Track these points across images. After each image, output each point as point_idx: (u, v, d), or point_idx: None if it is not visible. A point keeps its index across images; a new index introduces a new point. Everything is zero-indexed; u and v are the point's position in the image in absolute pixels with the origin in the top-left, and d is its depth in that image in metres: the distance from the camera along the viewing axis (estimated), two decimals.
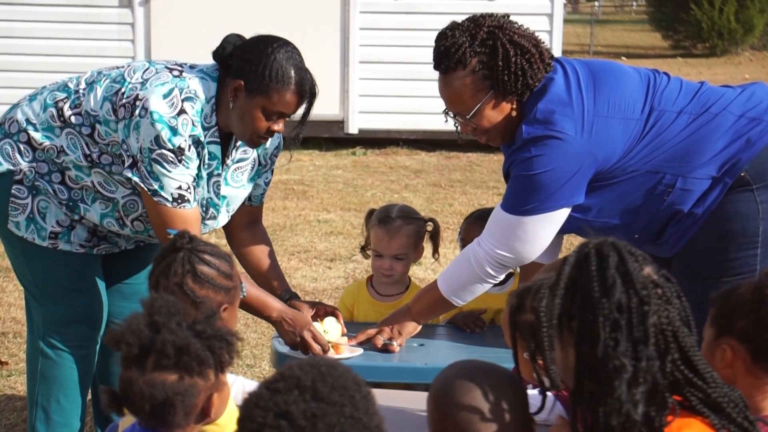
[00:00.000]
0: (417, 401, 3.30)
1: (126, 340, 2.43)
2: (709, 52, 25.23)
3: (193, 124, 3.63)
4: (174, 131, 3.59)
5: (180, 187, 3.65)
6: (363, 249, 4.49)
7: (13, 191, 3.82)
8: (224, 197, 3.89)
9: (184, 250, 3.08)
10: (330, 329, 3.89)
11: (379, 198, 9.57)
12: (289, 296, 4.03)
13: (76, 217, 3.83)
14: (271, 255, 4.16)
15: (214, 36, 3.89)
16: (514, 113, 3.59)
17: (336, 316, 3.97)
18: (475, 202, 9.34)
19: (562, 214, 3.56)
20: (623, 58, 22.37)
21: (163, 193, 3.64)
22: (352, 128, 11.84)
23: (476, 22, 3.57)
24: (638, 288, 2.20)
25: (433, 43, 3.63)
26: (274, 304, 3.80)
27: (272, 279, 4.09)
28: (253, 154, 3.93)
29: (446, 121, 3.74)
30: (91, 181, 3.77)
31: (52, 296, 3.91)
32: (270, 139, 3.86)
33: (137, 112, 3.61)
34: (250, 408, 2.00)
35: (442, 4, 11.34)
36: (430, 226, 4.44)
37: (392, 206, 4.46)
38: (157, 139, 3.59)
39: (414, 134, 11.84)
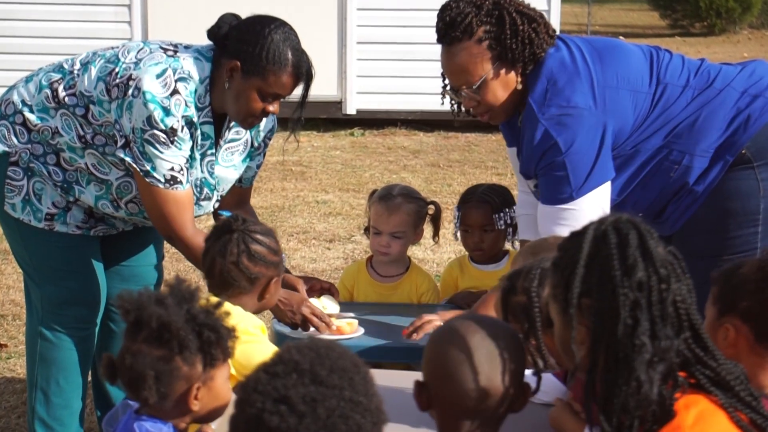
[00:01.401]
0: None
1: (125, 307, 2.48)
2: (708, 31, 25.14)
3: (186, 105, 3.61)
4: (167, 112, 3.58)
5: (172, 169, 3.64)
6: (367, 230, 4.47)
7: (8, 173, 3.81)
8: (216, 177, 3.88)
9: (238, 231, 3.31)
10: (328, 306, 3.88)
11: (378, 179, 9.56)
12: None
13: (72, 199, 3.82)
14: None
15: (211, 17, 3.86)
16: (519, 86, 3.56)
17: (332, 293, 3.96)
18: (474, 182, 9.25)
19: (607, 188, 3.50)
20: (621, 37, 22.27)
21: (155, 174, 3.63)
22: (350, 109, 11.81)
23: None
24: (658, 267, 2.18)
25: (436, 17, 3.57)
26: None
27: None
28: (245, 135, 3.90)
29: (442, 103, 3.72)
30: (84, 162, 3.75)
31: (50, 278, 3.90)
32: (264, 121, 3.85)
33: (130, 92, 3.59)
34: (248, 392, 1.98)
35: None
36: (431, 209, 4.42)
37: (395, 185, 4.47)
38: (150, 120, 3.57)
39: (412, 114, 11.81)
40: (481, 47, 3.50)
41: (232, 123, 3.82)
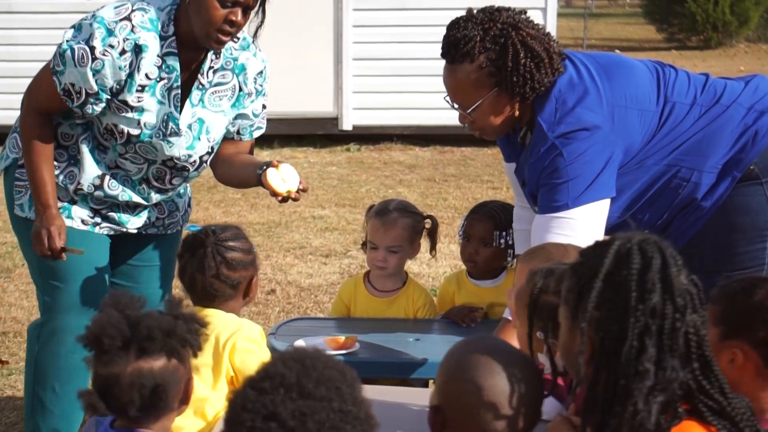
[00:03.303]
0: (413, 396, 3.31)
1: (108, 333, 2.42)
2: (704, 44, 25.16)
3: (132, 30, 3.60)
4: (110, 32, 3.59)
5: (73, 85, 3.65)
6: (364, 245, 4.47)
7: (16, 175, 3.86)
8: (202, 120, 3.81)
9: (210, 245, 3.35)
10: (288, 177, 3.72)
11: (374, 194, 9.58)
12: (266, 166, 3.79)
13: (77, 185, 3.81)
14: (250, 154, 4.06)
15: None
16: (516, 113, 3.54)
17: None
18: (470, 197, 9.35)
19: (605, 206, 3.47)
20: (617, 51, 22.33)
21: (60, 77, 3.66)
22: (346, 125, 11.84)
23: (491, 16, 3.48)
24: (676, 296, 2.13)
25: (446, 29, 3.54)
26: (50, 201, 3.75)
27: (248, 161, 3.96)
28: (232, 80, 3.84)
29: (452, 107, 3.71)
30: (70, 132, 3.80)
31: (54, 280, 3.86)
32: (250, 65, 3.82)
33: (86, 17, 3.65)
34: (237, 411, 1.96)
35: (436, 0, 11.33)
36: (428, 224, 4.44)
37: (391, 200, 4.48)
38: (89, 37, 3.60)
39: (408, 129, 11.84)
40: (480, 73, 3.47)
41: (218, 65, 3.78)
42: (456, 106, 3.60)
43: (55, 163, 3.80)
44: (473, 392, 2.28)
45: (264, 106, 3.99)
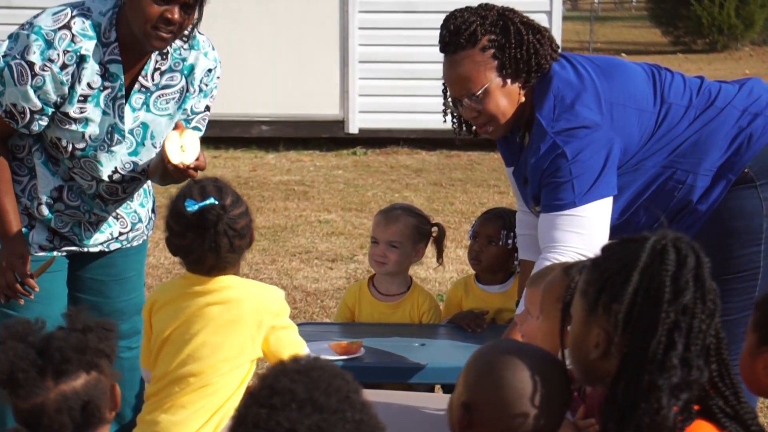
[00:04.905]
0: (418, 401, 3.30)
1: (20, 368, 2.33)
2: (709, 47, 25.23)
3: (72, 40, 3.44)
4: (49, 44, 3.42)
5: (15, 106, 3.48)
6: None
7: None
8: (146, 125, 3.64)
9: (221, 223, 3.14)
10: (188, 146, 3.46)
11: (380, 198, 9.57)
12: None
13: (36, 203, 3.66)
14: None
15: (213, 35, 3.85)
16: (522, 98, 3.54)
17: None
18: (476, 201, 9.34)
19: (610, 203, 3.47)
20: (623, 54, 22.34)
21: (1, 99, 3.48)
22: (353, 128, 11.84)
23: (485, 6, 3.55)
24: (707, 297, 2.16)
25: (440, 26, 3.55)
26: (12, 228, 3.60)
27: None
28: (180, 81, 3.66)
29: (444, 120, 3.70)
30: (21, 144, 3.65)
31: (7, 309, 3.68)
32: (200, 64, 3.66)
33: (23, 27, 3.47)
34: (248, 429, 1.91)
35: (442, 3, 11.30)
36: (435, 231, 4.42)
37: (398, 203, 4.47)
38: (25, 50, 3.42)
39: (414, 133, 11.84)
40: (484, 56, 3.48)
41: (165, 66, 3.61)
42: (459, 100, 3.56)
43: (18, 178, 3.67)
44: (506, 390, 2.29)
45: (207, 108, 3.78)
